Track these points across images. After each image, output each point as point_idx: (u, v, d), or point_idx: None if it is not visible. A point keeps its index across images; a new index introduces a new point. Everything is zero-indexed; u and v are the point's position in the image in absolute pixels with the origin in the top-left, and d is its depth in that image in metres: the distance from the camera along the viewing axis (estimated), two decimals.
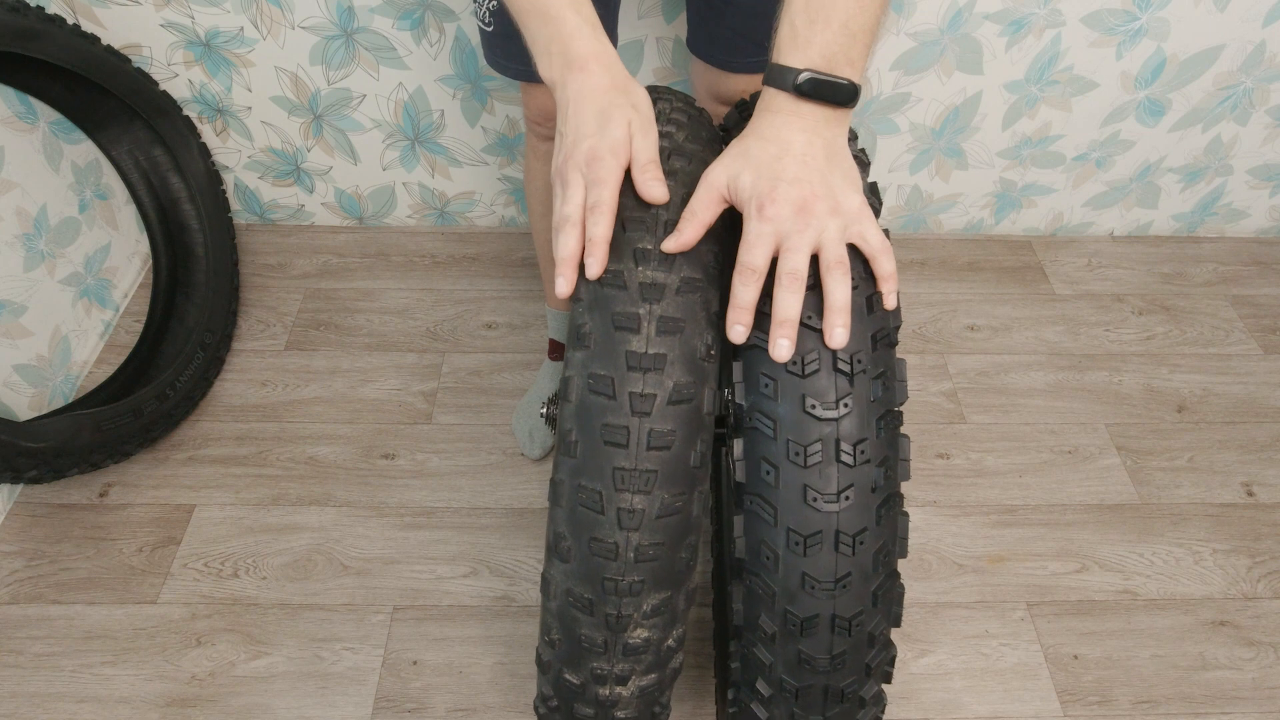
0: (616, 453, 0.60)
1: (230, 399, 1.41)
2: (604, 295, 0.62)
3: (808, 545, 0.60)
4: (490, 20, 0.97)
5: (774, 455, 0.61)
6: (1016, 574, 1.23)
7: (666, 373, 0.60)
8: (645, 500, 0.60)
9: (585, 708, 0.67)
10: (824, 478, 0.60)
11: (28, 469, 1.11)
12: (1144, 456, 1.37)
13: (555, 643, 0.65)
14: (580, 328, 0.62)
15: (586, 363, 0.61)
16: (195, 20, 1.36)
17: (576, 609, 0.63)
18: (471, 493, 1.30)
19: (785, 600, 0.62)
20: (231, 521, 1.25)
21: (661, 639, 0.64)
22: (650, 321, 0.61)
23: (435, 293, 1.59)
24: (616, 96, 0.64)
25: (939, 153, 1.58)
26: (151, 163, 1.41)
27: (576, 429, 0.61)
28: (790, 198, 0.60)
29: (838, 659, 0.63)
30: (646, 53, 1.42)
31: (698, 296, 0.63)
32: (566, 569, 0.62)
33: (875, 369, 0.62)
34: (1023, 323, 1.57)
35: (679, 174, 0.66)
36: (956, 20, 1.36)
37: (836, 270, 0.61)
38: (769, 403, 0.61)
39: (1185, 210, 1.70)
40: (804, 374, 0.61)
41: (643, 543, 0.60)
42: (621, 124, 0.63)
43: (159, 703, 1.07)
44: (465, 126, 1.53)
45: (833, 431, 0.60)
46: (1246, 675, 1.14)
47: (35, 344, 1.31)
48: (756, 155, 0.62)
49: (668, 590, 0.63)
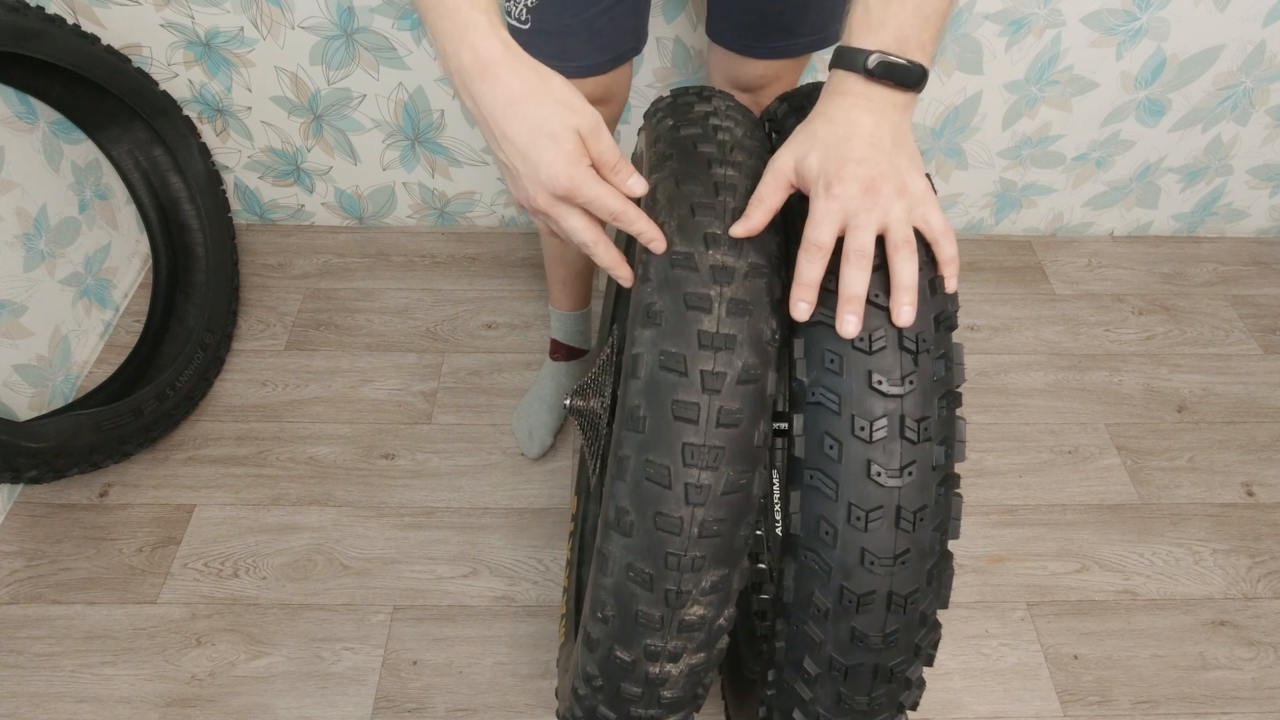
0: (686, 428, 0.60)
1: (230, 399, 1.41)
2: (675, 276, 0.63)
3: (869, 520, 0.61)
4: (527, 17, 0.93)
5: (837, 430, 0.61)
6: (1016, 574, 1.23)
7: (736, 353, 0.61)
8: (712, 476, 0.61)
9: (633, 686, 0.67)
10: (888, 453, 0.61)
11: (28, 469, 1.11)
12: (1144, 456, 1.37)
13: (608, 619, 0.65)
14: (650, 306, 0.63)
15: (657, 340, 0.62)
16: (195, 20, 1.36)
17: (636, 583, 0.63)
18: (471, 493, 1.30)
19: (842, 576, 0.62)
20: (231, 521, 1.25)
21: (715, 617, 0.65)
22: (721, 303, 0.62)
23: (435, 293, 1.59)
24: (543, 103, 0.61)
25: (939, 153, 1.58)
26: (151, 163, 1.41)
27: (645, 404, 0.61)
28: (858, 177, 0.61)
29: (890, 637, 0.63)
30: (647, 52, 1.42)
31: (764, 282, 0.64)
32: (627, 544, 0.63)
33: (938, 349, 0.62)
34: (1023, 323, 1.57)
35: (741, 166, 0.68)
36: (956, 20, 1.36)
37: (904, 250, 0.61)
38: (833, 378, 0.62)
39: (1185, 210, 1.70)
40: (870, 350, 0.61)
41: (707, 518, 0.61)
42: (568, 133, 0.61)
43: (159, 703, 1.07)
44: (465, 126, 1.53)
45: (897, 408, 0.61)
46: (1246, 675, 1.14)
47: (35, 344, 1.31)
48: (824, 137, 0.63)
49: (726, 567, 0.64)
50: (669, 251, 0.64)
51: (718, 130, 0.71)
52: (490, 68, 0.60)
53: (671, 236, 0.64)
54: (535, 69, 0.62)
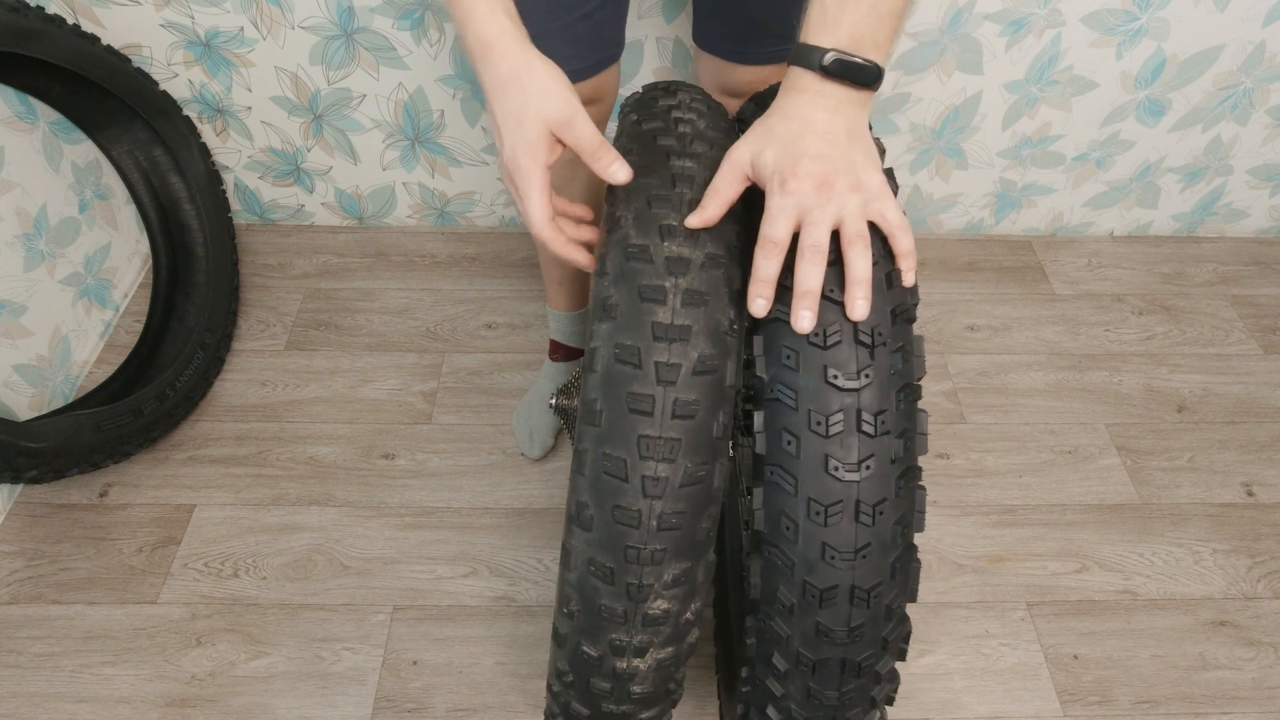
0: (642, 421, 0.60)
1: (230, 399, 1.41)
2: (630, 269, 0.63)
3: (828, 515, 0.61)
4: None
5: (795, 425, 0.62)
6: (1016, 574, 1.23)
7: (691, 344, 0.61)
8: (669, 469, 0.61)
9: (602, 681, 0.67)
10: (845, 447, 0.61)
11: (28, 469, 1.11)
12: (1144, 456, 1.37)
13: (574, 614, 0.66)
14: (606, 300, 0.63)
15: (613, 333, 0.62)
16: (195, 20, 1.36)
17: (597, 578, 0.63)
18: (471, 493, 1.30)
19: (804, 571, 0.62)
20: (231, 521, 1.25)
21: (680, 611, 0.65)
22: (676, 294, 0.62)
23: (435, 293, 1.59)
24: (522, 90, 0.64)
25: (939, 153, 1.58)
26: (151, 163, 1.41)
27: (602, 398, 0.62)
28: (812, 173, 0.61)
29: (855, 631, 0.63)
30: (646, 52, 1.42)
31: (721, 272, 0.64)
32: (588, 538, 0.63)
33: (895, 342, 0.63)
34: (1023, 323, 1.57)
35: (701, 158, 0.68)
36: (956, 20, 1.36)
37: (858, 244, 0.61)
38: (790, 374, 0.62)
39: (1185, 210, 1.70)
40: (825, 345, 0.61)
41: (666, 511, 0.61)
42: (534, 125, 0.63)
43: (159, 703, 1.07)
44: (465, 126, 1.53)
45: (854, 402, 0.61)
46: (1246, 675, 1.14)
47: (35, 344, 1.31)
48: (780, 132, 0.63)
49: (688, 561, 0.63)
50: (625, 244, 0.64)
51: (679, 123, 0.71)
52: (487, 51, 0.64)
53: (628, 230, 0.64)
54: (523, 55, 0.64)
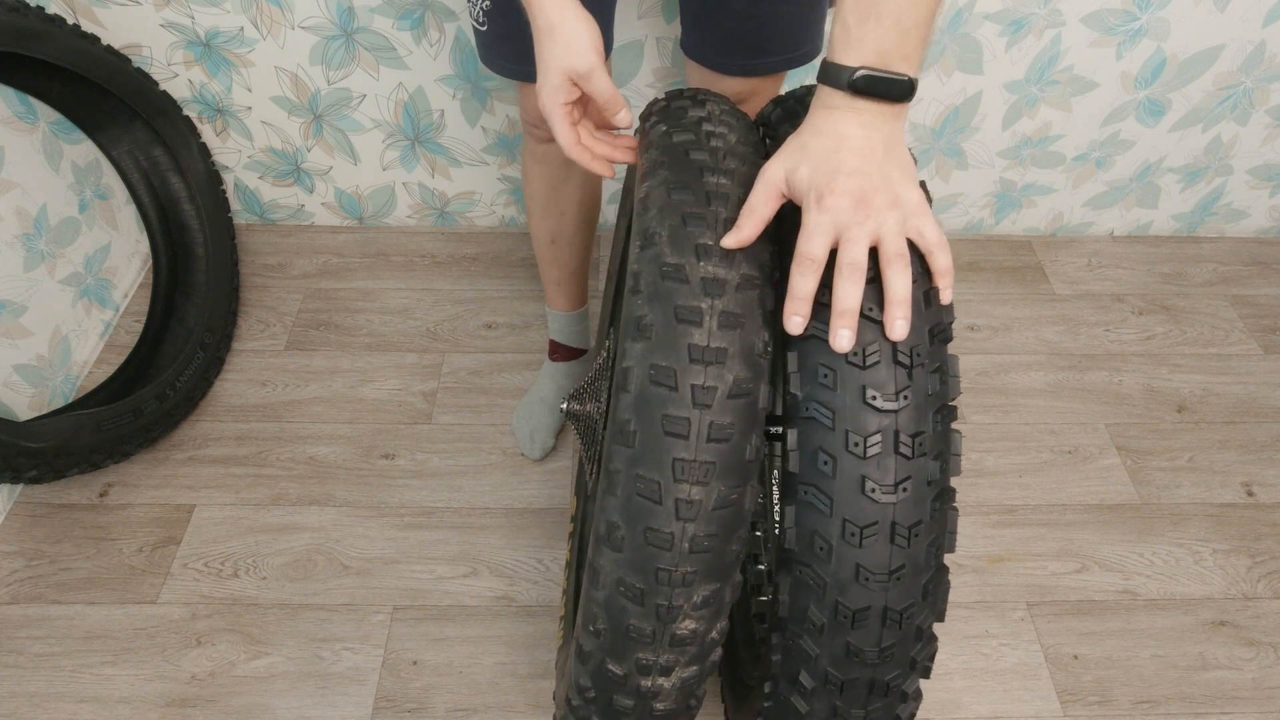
0: (677, 444, 0.60)
1: (230, 399, 1.41)
2: (666, 288, 0.62)
3: (864, 536, 0.61)
4: (484, 20, 0.97)
5: (831, 445, 0.61)
6: (1016, 574, 1.23)
7: (727, 366, 0.61)
8: (703, 492, 0.60)
9: (625, 699, 0.67)
10: (882, 469, 0.60)
11: (28, 469, 1.11)
12: (1144, 456, 1.37)
13: (600, 633, 0.65)
14: (640, 319, 0.62)
15: (647, 354, 0.61)
16: (195, 20, 1.36)
17: (627, 598, 0.63)
18: (471, 493, 1.30)
19: (837, 591, 0.62)
20: (231, 521, 1.25)
21: (707, 630, 0.65)
22: (712, 316, 0.61)
23: (435, 293, 1.59)
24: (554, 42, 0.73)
25: (939, 153, 1.58)
26: (151, 163, 1.41)
27: (635, 419, 0.61)
28: (849, 189, 0.60)
29: (886, 651, 0.63)
30: (646, 52, 1.42)
31: (756, 294, 0.63)
32: (618, 558, 0.62)
33: (932, 363, 0.62)
34: (1023, 323, 1.57)
35: (734, 174, 0.67)
36: (956, 20, 1.36)
37: (897, 263, 0.61)
38: (827, 393, 0.61)
39: (1185, 210, 1.70)
40: (864, 365, 0.61)
41: (698, 533, 0.61)
42: (556, 70, 0.73)
43: (159, 703, 1.07)
44: (465, 126, 1.53)
45: (892, 423, 0.60)
46: (1246, 675, 1.14)
47: (35, 344, 1.31)
48: (814, 149, 0.63)
49: (718, 582, 0.63)
50: (660, 262, 0.63)
51: (711, 137, 0.70)
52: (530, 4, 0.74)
53: (663, 247, 0.63)
54: (557, 10, 0.73)
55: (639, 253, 0.65)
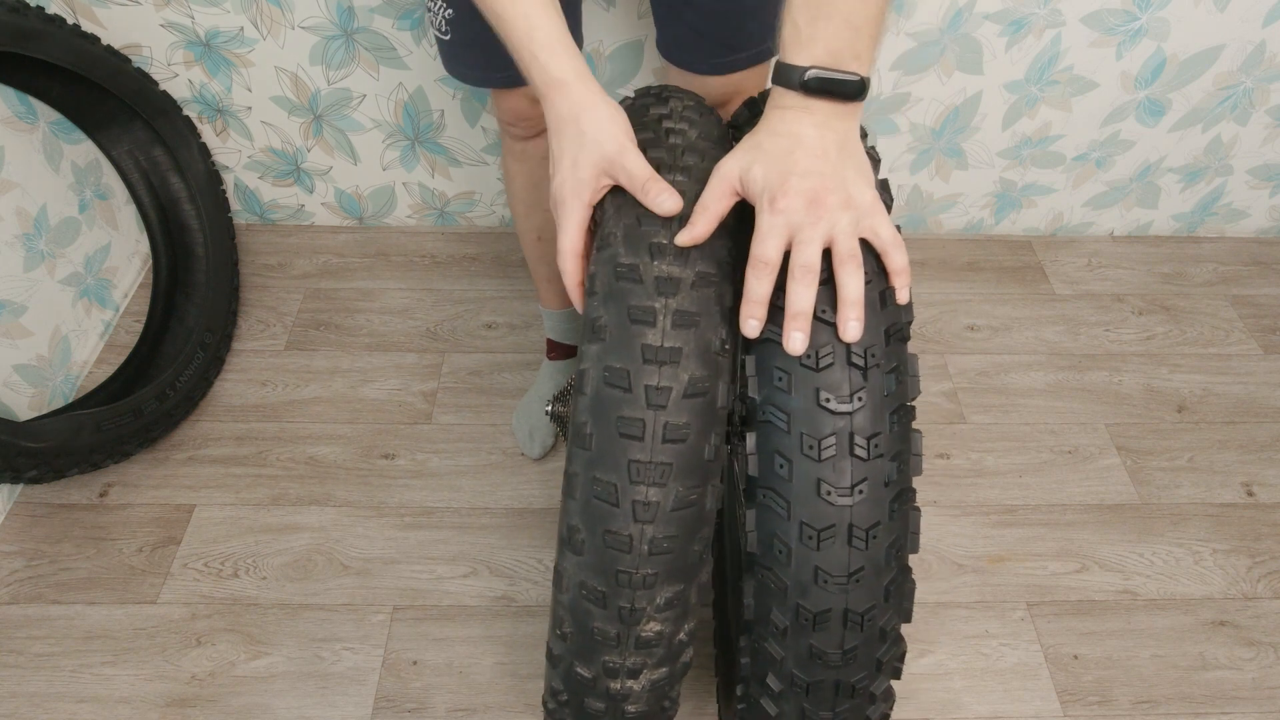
0: (632, 445, 0.60)
1: (230, 399, 1.41)
2: (619, 289, 0.62)
3: (821, 539, 0.60)
4: (447, 29, 0.95)
5: (787, 449, 0.61)
6: (1016, 574, 1.23)
7: (682, 366, 0.60)
8: (660, 493, 0.60)
9: (596, 701, 0.67)
10: (838, 471, 0.60)
11: (28, 469, 1.11)
12: (1144, 456, 1.37)
13: (567, 636, 0.65)
14: (595, 321, 0.62)
15: (602, 356, 0.61)
16: (195, 20, 1.36)
17: (589, 601, 0.63)
18: (471, 493, 1.30)
19: (797, 594, 0.62)
20: (231, 521, 1.25)
21: (674, 632, 0.65)
22: (666, 315, 0.61)
23: (435, 293, 1.59)
24: (580, 132, 0.66)
25: (939, 153, 1.58)
26: (151, 163, 1.41)
27: (591, 421, 0.61)
28: (802, 190, 0.60)
29: (849, 654, 0.63)
30: (646, 52, 1.42)
31: (712, 291, 0.63)
32: (579, 561, 0.62)
33: (889, 363, 0.62)
34: (1023, 323, 1.57)
35: (693, 170, 0.67)
36: (956, 20, 1.36)
37: (849, 264, 0.60)
38: (782, 396, 0.61)
39: (1185, 210, 1.70)
40: (818, 368, 0.61)
41: (657, 535, 0.61)
42: (587, 166, 0.65)
43: (159, 703, 1.07)
44: (465, 126, 1.53)
45: (846, 425, 0.60)
46: (1246, 675, 1.14)
47: (35, 344, 1.31)
48: (768, 149, 0.62)
49: (681, 583, 0.63)
50: (614, 263, 0.63)
51: (670, 134, 0.70)
52: (549, 89, 0.67)
53: (618, 248, 0.63)
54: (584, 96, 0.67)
55: (596, 254, 0.65)
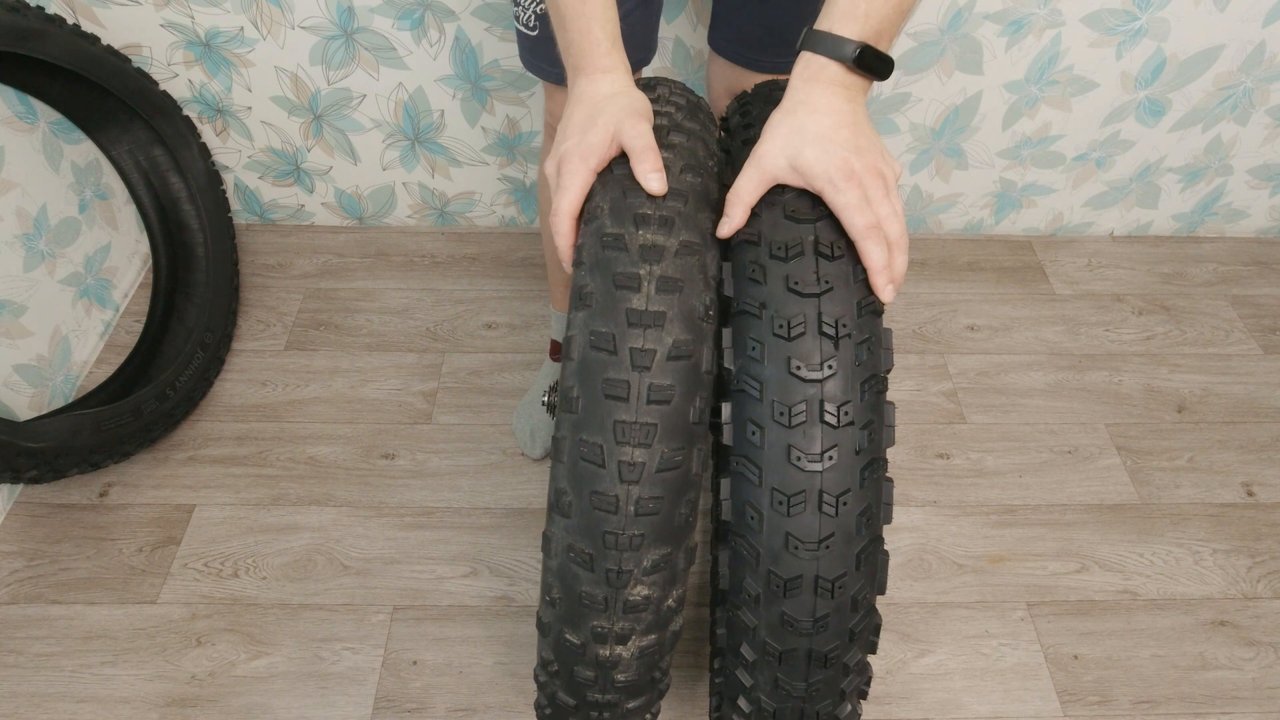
0: (617, 406, 0.61)
1: (230, 399, 1.41)
2: (606, 258, 0.63)
3: (791, 505, 0.61)
4: (536, 24, 0.96)
5: (760, 416, 0.62)
6: (1016, 574, 1.23)
7: (666, 329, 0.62)
8: (645, 454, 0.61)
9: (585, 669, 0.67)
10: (808, 438, 0.61)
11: (28, 469, 1.11)
12: (1144, 456, 1.37)
13: (555, 602, 0.66)
14: (582, 289, 0.64)
15: (588, 321, 0.62)
16: (195, 20, 1.36)
17: (577, 565, 0.63)
18: (471, 493, 1.30)
19: (769, 561, 0.63)
20: (231, 521, 1.25)
21: (662, 597, 0.65)
22: (650, 281, 0.62)
23: (435, 293, 1.59)
24: (610, 101, 0.67)
25: (939, 153, 1.58)
26: (151, 163, 1.41)
27: (578, 385, 0.62)
28: (861, 168, 0.63)
29: (820, 621, 0.64)
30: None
31: (695, 259, 0.64)
32: (567, 524, 0.63)
33: (860, 334, 0.63)
34: (1023, 323, 1.57)
35: (678, 148, 0.69)
36: (956, 20, 1.36)
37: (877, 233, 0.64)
38: (756, 365, 0.63)
39: (1185, 210, 1.70)
40: (790, 337, 0.62)
41: (643, 496, 0.61)
42: (603, 129, 0.66)
43: (159, 703, 1.07)
44: (465, 126, 1.53)
45: (817, 393, 0.62)
46: (1246, 675, 1.14)
47: (35, 344, 1.31)
48: (811, 130, 0.64)
49: (668, 546, 0.64)
50: (601, 234, 0.64)
51: (657, 115, 0.72)
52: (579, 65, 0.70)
53: (604, 220, 0.65)
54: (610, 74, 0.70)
55: (584, 228, 0.67)
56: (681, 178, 0.67)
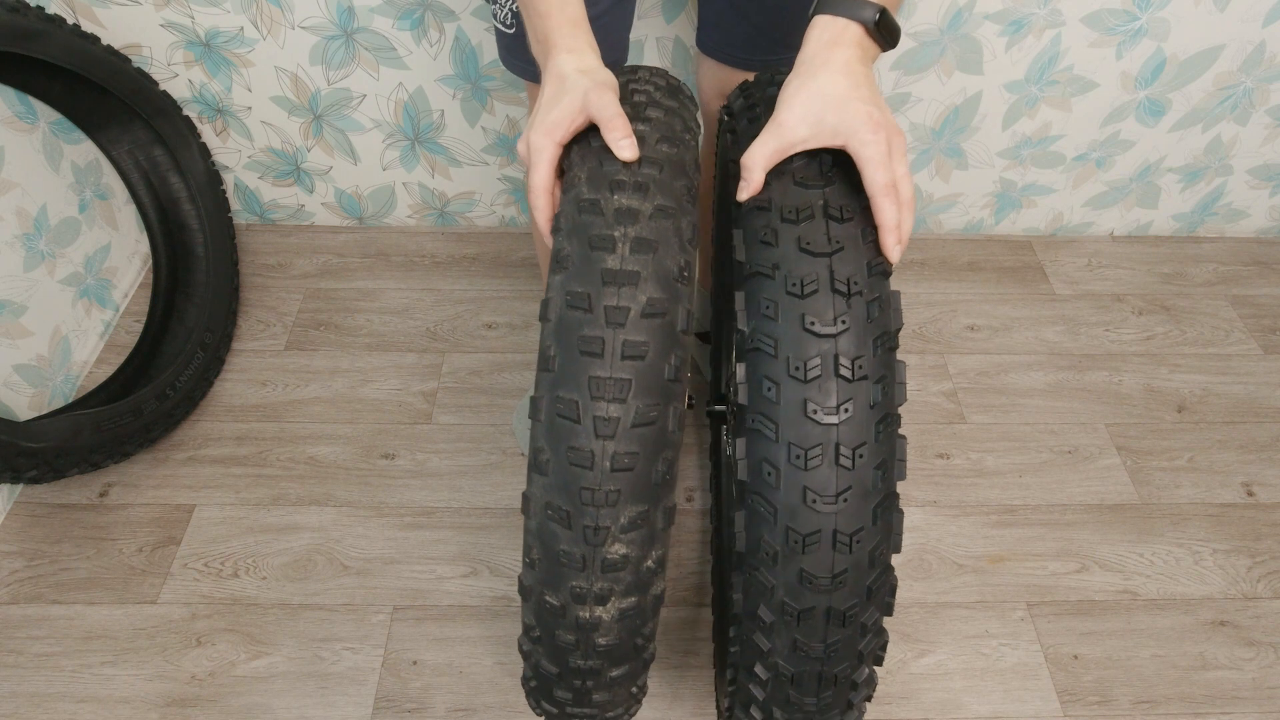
0: (592, 362, 0.62)
1: (230, 399, 1.41)
2: (582, 222, 0.65)
3: (808, 459, 0.62)
4: (513, 22, 0.97)
5: (775, 373, 0.63)
6: (1016, 574, 1.23)
7: (640, 288, 0.63)
8: (620, 409, 0.62)
9: (566, 634, 0.67)
10: (824, 391, 0.62)
11: (28, 469, 1.11)
12: (1144, 456, 1.37)
13: (535, 563, 0.66)
14: (560, 253, 0.65)
15: (565, 283, 0.64)
16: (195, 20, 1.36)
17: (555, 522, 0.64)
18: (471, 493, 1.30)
19: (787, 517, 0.63)
20: (231, 521, 1.25)
21: (640, 556, 0.65)
22: (625, 243, 0.64)
23: (435, 293, 1.59)
24: (576, 77, 0.68)
25: (939, 153, 1.58)
26: (151, 163, 1.41)
27: (555, 344, 0.63)
28: (882, 124, 0.65)
29: (839, 578, 0.64)
30: (646, 53, 1.42)
31: (670, 222, 0.66)
32: (545, 483, 0.64)
33: (871, 293, 0.64)
34: (1023, 323, 1.57)
35: (654, 122, 0.71)
36: (956, 20, 1.36)
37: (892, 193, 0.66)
38: (770, 324, 0.64)
39: (1185, 210, 1.70)
40: (803, 295, 0.63)
41: (619, 451, 0.62)
42: (568, 104, 0.67)
43: (159, 703, 1.07)
44: (465, 126, 1.53)
45: (831, 348, 0.63)
46: (1246, 675, 1.14)
47: (35, 344, 1.31)
48: (831, 94, 0.65)
49: (645, 504, 0.64)
50: (578, 200, 0.66)
51: (635, 93, 0.74)
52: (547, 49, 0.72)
53: (581, 188, 0.66)
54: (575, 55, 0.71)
55: (563, 197, 0.68)
56: (657, 148, 0.69)
